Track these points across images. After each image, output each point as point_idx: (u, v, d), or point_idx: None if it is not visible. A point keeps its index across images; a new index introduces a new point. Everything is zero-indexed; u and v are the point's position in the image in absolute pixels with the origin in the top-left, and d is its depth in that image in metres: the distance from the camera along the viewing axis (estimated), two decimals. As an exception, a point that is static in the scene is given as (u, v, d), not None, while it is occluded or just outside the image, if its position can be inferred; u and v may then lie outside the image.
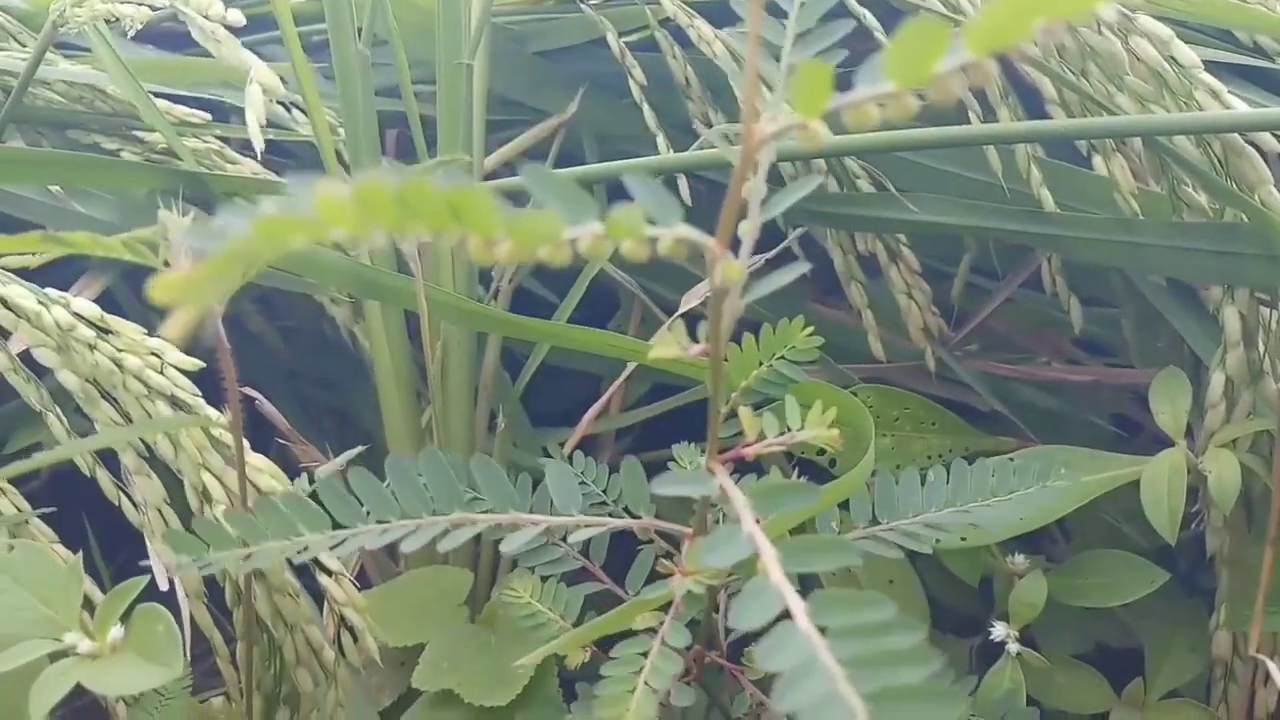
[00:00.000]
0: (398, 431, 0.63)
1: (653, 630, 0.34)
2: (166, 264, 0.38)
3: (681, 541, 0.46)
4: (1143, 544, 0.60)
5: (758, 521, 0.25)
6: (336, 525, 0.34)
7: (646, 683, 0.32)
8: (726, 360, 0.48)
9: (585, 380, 0.71)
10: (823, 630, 0.21)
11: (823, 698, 0.20)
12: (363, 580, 0.61)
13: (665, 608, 0.36)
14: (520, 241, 0.21)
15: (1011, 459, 0.47)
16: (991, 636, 0.49)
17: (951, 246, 0.67)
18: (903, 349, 0.64)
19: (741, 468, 0.40)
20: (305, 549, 0.33)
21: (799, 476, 0.56)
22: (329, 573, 0.46)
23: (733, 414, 0.36)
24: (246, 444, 0.45)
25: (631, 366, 0.62)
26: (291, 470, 0.50)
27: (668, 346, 0.29)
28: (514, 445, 0.67)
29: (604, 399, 0.62)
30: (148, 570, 0.45)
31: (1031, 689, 0.53)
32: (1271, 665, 0.41)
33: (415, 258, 0.58)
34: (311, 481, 0.41)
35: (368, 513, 0.35)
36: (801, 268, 0.28)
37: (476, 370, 0.64)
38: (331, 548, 0.33)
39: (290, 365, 0.84)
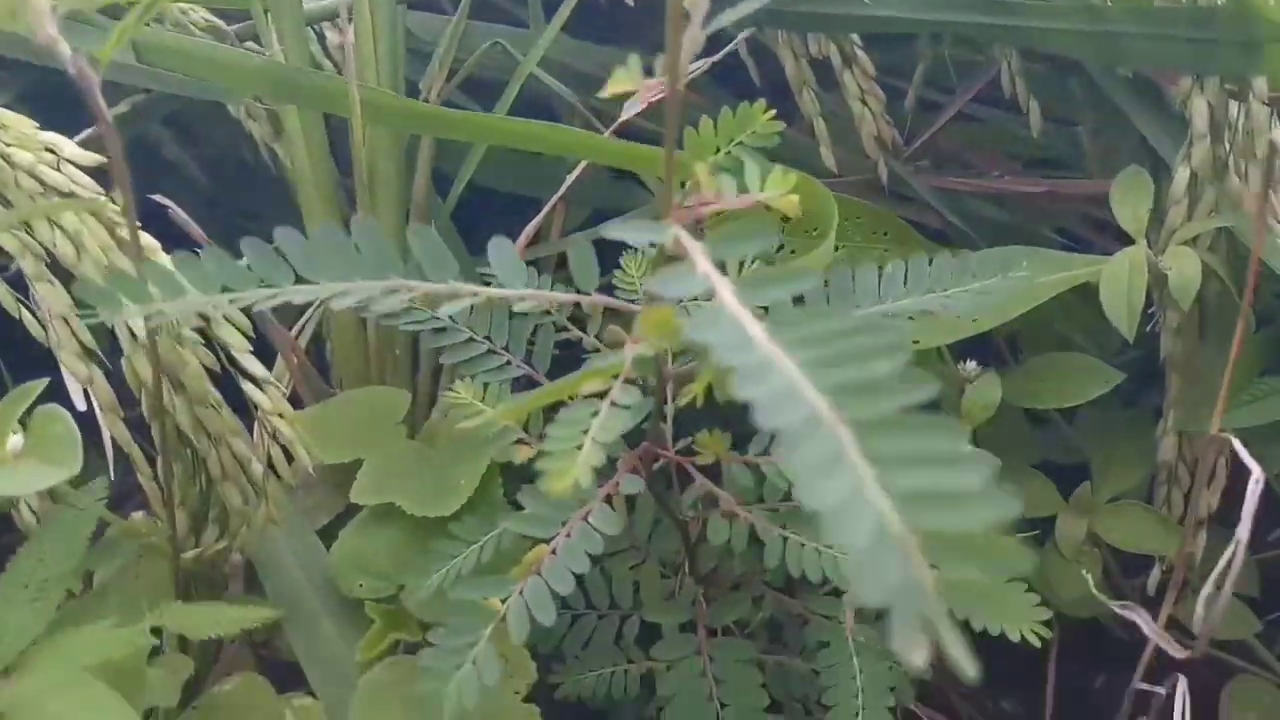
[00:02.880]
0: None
1: (601, 395, 0.32)
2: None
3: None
4: (1095, 354, 0.60)
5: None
6: (264, 284, 0.31)
7: (594, 439, 0.30)
8: (681, 147, 0.46)
9: (523, 205, 0.68)
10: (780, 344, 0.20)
11: (781, 391, 0.18)
12: (295, 404, 0.58)
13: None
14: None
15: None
16: (944, 439, 0.48)
17: (905, 57, 0.64)
18: (856, 165, 0.62)
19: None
20: (230, 304, 0.31)
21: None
22: (255, 382, 0.44)
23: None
24: (156, 244, 0.42)
25: (574, 175, 0.59)
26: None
27: (622, 81, 0.26)
28: (450, 270, 0.64)
29: (544, 210, 0.59)
30: (51, 378, 0.42)
31: (980, 495, 0.53)
32: (1241, 449, 0.41)
33: (342, 54, 0.54)
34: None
35: (296, 276, 0.32)
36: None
37: (407, 187, 0.60)
38: (256, 304, 0.31)
39: (211, 196, 0.80)
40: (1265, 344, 0.51)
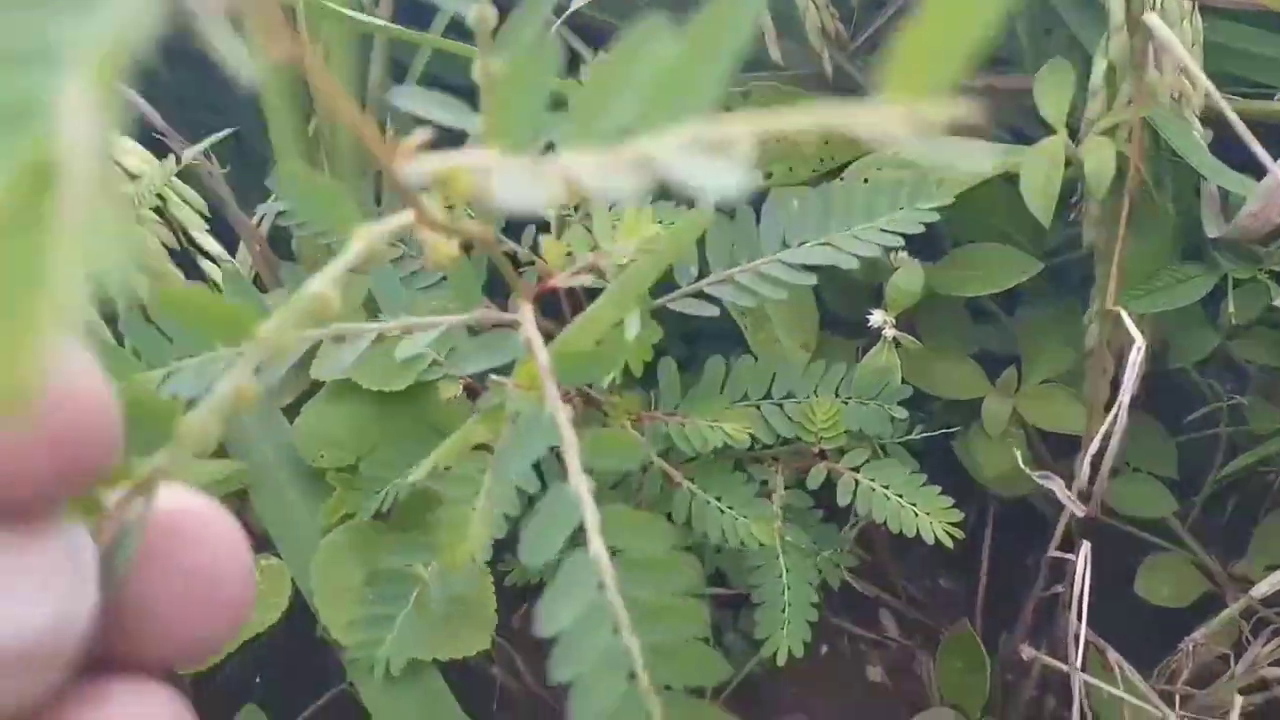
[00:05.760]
0: (286, 145, 0.61)
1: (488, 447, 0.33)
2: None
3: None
4: (1031, 250, 0.62)
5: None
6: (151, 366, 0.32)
7: (484, 505, 0.31)
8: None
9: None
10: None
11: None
12: (259, 289, 0.60)
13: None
14: None
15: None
16: (869, 324, 0.51)
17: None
18: (804, 58, 0.63)
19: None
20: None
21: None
22: (213, 259, 0.46)
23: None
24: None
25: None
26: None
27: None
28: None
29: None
30: None
31: (911, 376, 0.55)
32: (1127, 319, 0.43)
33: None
34: (178, 161, 0.40)
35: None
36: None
37: (364, 78, 0.62)
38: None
39: (177, 91, 0.80)
40: (1181, 230, 0.53)
